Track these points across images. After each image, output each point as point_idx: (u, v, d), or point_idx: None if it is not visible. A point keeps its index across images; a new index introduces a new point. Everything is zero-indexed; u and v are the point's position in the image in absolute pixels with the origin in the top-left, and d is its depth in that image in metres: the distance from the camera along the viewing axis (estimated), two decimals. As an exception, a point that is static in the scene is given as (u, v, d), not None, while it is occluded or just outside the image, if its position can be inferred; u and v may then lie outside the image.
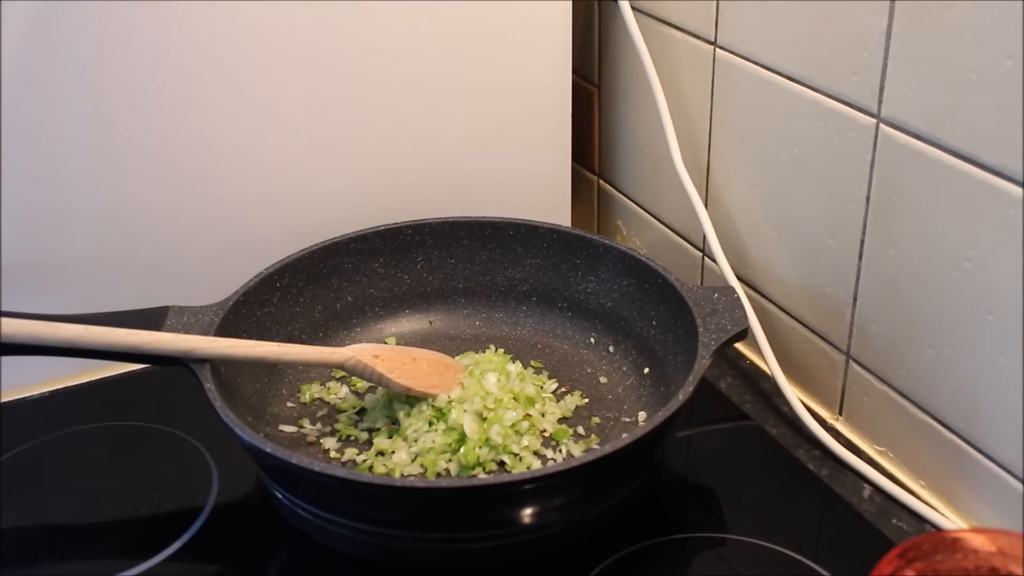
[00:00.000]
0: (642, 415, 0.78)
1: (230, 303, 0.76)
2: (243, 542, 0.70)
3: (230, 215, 0.86)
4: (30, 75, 0.75)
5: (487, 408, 0.74)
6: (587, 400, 0.80)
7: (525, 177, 0.96)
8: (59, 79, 0.76)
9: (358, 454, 0.75)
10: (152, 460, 0.76)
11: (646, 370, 0.81)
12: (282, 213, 0.88)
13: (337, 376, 0.83)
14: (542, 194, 0.98)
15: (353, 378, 0.82)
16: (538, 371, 0.83)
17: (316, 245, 0.84)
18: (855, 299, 0.75)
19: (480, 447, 0.72)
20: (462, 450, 0.72)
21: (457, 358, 0.82)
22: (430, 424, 0.74)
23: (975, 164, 0.62)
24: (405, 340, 0.87)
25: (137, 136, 0.80)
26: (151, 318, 0.73)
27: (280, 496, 0.70)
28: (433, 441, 0.73)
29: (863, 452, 0.77)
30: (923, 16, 0.63)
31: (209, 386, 0.68)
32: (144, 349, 0.69)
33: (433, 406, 0.75)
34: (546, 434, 0.76)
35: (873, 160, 0.70)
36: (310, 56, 0.83)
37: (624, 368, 0.83)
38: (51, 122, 0.77)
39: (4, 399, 0.82)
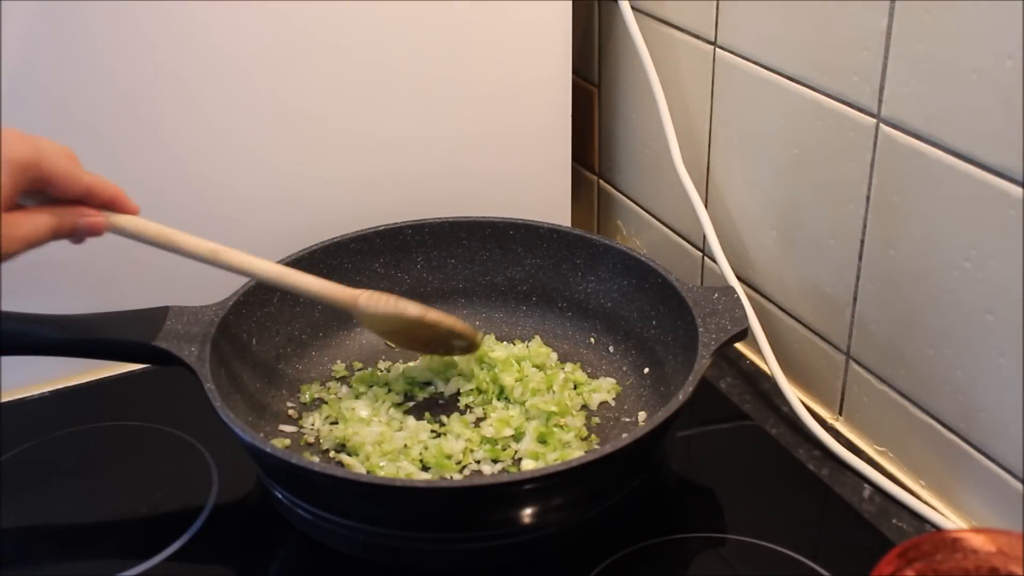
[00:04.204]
0: (642, 415, 0.78)
1: (230, 303, 0.76)
2: (243, 542, 0.70)
3: (230, 215, 0.86)
4: (30, 72, 0.75)
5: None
6: (587, 400, 0.80)
7: (525, 177, 0.96)
8: (60, 76, 0.76)
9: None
10: (152, 460, 0.76)
11: (646, 370, 0.81)
12: (282, 213, 0.88)
13: (337, 376, 0.83)
14: (542, 194, 0.98)
15: (353, 379, 0.82)
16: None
17: (316, 245, 0.84)
18: (855, 299, 0.75)
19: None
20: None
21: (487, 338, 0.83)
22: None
23: (975, 164, 0.62)
24: (405, 340, 0.87)
25: (136, 135, 0.80)
26: (151, 318, 0.73)
27: (280, 496, 0.70)
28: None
29: (863, 452, 0.77)
30: (923, 16, 0.63)
31: (209, 386, 0.68)
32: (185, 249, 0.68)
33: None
34: (546, 434, 0.76)
35: (873, 160, 0.70)
36: (311, 56, 0.83)
37: (624, 368, 0.83)
38: (50, 120, 0.77)
39: (4, 399, 0.82)
